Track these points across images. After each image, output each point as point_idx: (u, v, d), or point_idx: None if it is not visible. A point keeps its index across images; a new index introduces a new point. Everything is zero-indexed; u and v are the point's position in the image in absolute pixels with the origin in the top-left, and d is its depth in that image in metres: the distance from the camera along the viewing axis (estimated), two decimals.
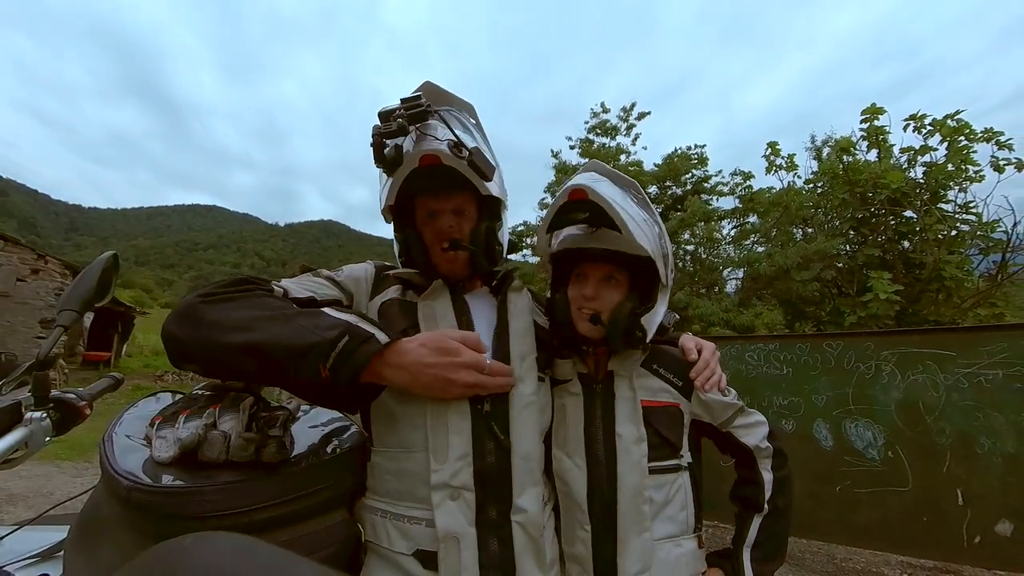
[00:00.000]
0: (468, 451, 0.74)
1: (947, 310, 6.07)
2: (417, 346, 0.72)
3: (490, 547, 0.72)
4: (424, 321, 0.82)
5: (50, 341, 0.71)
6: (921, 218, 6.26)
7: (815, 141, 8.50)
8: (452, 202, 0.87)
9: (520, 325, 0.87)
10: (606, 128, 10.16)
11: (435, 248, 0.86)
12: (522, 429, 0.79)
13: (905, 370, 3.31)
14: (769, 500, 0.88)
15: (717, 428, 0.91)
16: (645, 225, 0.84)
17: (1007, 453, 2.94)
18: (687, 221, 8.41)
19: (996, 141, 6.06)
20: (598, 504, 0.82)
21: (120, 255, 0.89)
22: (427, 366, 0.70)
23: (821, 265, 6.75)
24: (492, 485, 0.75)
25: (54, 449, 5.26)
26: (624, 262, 0.86)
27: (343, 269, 0.92)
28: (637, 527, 0.81)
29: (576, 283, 0.91)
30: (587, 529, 0.82)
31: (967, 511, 2.98)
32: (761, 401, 3.80)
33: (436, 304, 0.85)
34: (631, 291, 0.88)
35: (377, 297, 0.87)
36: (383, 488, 0.78)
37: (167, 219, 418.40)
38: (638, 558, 0.80)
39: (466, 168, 0.80)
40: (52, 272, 11.28)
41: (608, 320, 0.85)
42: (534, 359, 0.85)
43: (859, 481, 3.37)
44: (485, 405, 0.77)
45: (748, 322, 7.00)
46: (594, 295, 0.87)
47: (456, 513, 0.72)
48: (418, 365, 0.70)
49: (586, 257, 0.90)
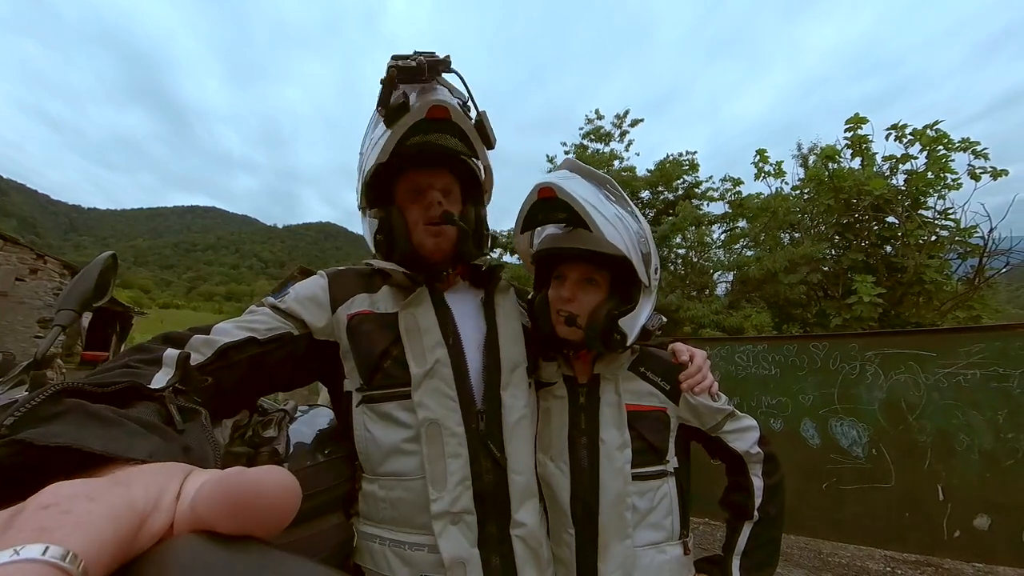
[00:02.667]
0: (467, 474, 0.72)
1: (927, 312, 6.25)
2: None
3: (492, 564, 0.71)
4: (407, 334, 0.76)
5: (48, 341, 0.69)
6: (903, 224, 6.46)
7: (801, 149, 8.74)
8: (441, 180, 0.82)
9: (509, 332, 0.84)
10: (600, 134, 10.30)
11: (419, 227, 0.80)
12: (517, 444, 0.77)
13: (888, 370, 3.42)
14: (760, 508, 0.85)
15: (706, 433, 0.88)
16: (619, 222, 0.80)
17: (984, 450, 3.05)
18: (679, 225, 8.54)
19: (973, 151, 6.29)
20: (580, 509, 0.81)
21: (119, 255, 0.89)
22: None
23: (808, 269, 6.91)
24: (491, 503, 0.73)
25: None
26: (604, 263, 0.82)
27: (289, 292, 0.79)
28: (619, 534, 0.79)
29: (555, 285, 0.87)
30: (571, 533, 0.81)
31: (947, 506, 3.09)
32: (750, 401, 3.89)
33: (419, 313, 0.78)
34: (611, 293, 0.84)
35: (342, 307, 0.78)
36: (379, 515, 0.73)
37: (166, 220, 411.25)
38: (618, 564, 0.78)
39: (471, 129, 0.76)
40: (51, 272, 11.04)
41: (585, 323, 0.82)
42: (524, 368, 0.83)
43: (844, 478, 3.46)
44: (480, 424, 0.75)
45: (737, 324, 7.13)
46: (571, 297, 0.83)
47: (459, 538, 0.70)
48: None
49: (565, 258, 0.86)
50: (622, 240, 0.79)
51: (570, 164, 0.89)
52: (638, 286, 0.84)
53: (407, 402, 0.73)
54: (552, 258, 0.89)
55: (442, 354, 0.76)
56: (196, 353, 0.62)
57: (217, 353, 0.64)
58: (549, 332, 0.86)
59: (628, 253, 0.79)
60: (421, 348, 0.75)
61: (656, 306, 0.90)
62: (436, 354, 0.75)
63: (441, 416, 0.73)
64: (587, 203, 0.76)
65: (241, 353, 0.66)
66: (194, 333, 0.65)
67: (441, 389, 0.74)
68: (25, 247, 11.01)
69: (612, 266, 0.82)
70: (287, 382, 0.76)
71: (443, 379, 0.75)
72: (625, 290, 0.84)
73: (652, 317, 0.88)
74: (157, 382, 0.51)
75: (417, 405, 0.73)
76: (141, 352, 0.57)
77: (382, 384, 0.74)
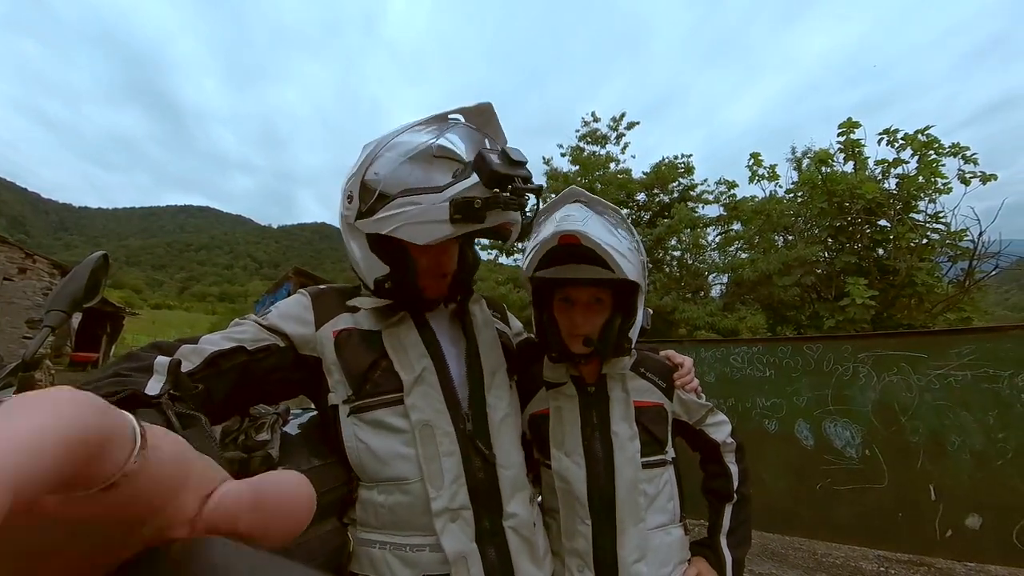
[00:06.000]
0: (461, 471, 0.75)
1: (919, 314, 6.33)
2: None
3: (489, 556, 0.74)
4: (393, 351, 0.78)
5: (37, 342, 0.69)
6: (894, 227, 6.54)
7: (795, 152, 8.83)
8: None
9: (487, 339, 0.88)
10: (596, 137, 10.33)
11: (426, 275, 0.82)
12: (503, 442, 0.81)
13: (881, 371, 3.45)
14: (737, 490, 0.98)
15: (691, 426, 0.99)
16: (632, 255, 0.86)
17: (975, 450, 3.09)
18: (674, 228, 8.59)
19: (963, 156, 6.40)
20: (597, 498, 0.87)
21: (110, 255, 0.88)
22: None
23: (801, 271, 6.98)
24: (484, 498, 0.76)
25: None
26: (609, 282, 0.87)
27: (272, 310, 0.80)
28: (634, 518, 0.86)
29: (562, 308, 0.92)
30: (587, 523, 0.87)
31: (939, 506, 3.12)
32: (745, 402, 3.89)
33: (401, 332, 0.80)
34: (616, 307, 0.90)
35: (326, 326, 0.79)
36: (378, 521, 0.75)
37: (159, 220, 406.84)
38: (636, 546, 0.85)
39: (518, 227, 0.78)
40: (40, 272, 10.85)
41: (599, 340, 0.88)
42: (504, 370, 0.88)
43: (838, 479, 3.48)
44: (468, 424, 0.78)
45: (732, 326, 7.18)
46: (584, 322, 0.89)
47: (459, 534, 0.73)
48: None
49: (569, 281, 0.90)
50: (635, 270, 0.85)
51: (573, 194, 0.92)
52: (637, 294, 0.90)
53: (399, 408, 0.76)
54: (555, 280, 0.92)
55: (428, 363, 0.79)
56: (186, 361, 0.62)
57: (207, 361, 0.65)
58: (563, 349, 0.91)
59: (639, 280, 0.87)
60: (408, 360, 0.78)
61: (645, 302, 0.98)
62: (423, 363, 0.79)
63: (432, 418, 0.76)
64: (610, 247, 0.80)
65: (230, 361, 0.68)
66: (182, 343, 0.66)
67: (430, 394, 0.77)
68: (14, 246, 10.85)
69: (617, 284, 0.87)
70: (276, 393, 0.78)
71: (431, 385, 0.78)
72: (627, 301, 0.91)
73: (644, 315, 0.96)
74: (151, 389, 0.51)
75: (410, 408, 0.75)
76: (131, 360, 0.57)
77: (371, 393, 0.76)
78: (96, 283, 0.78)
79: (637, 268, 0.86)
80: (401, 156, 0.75)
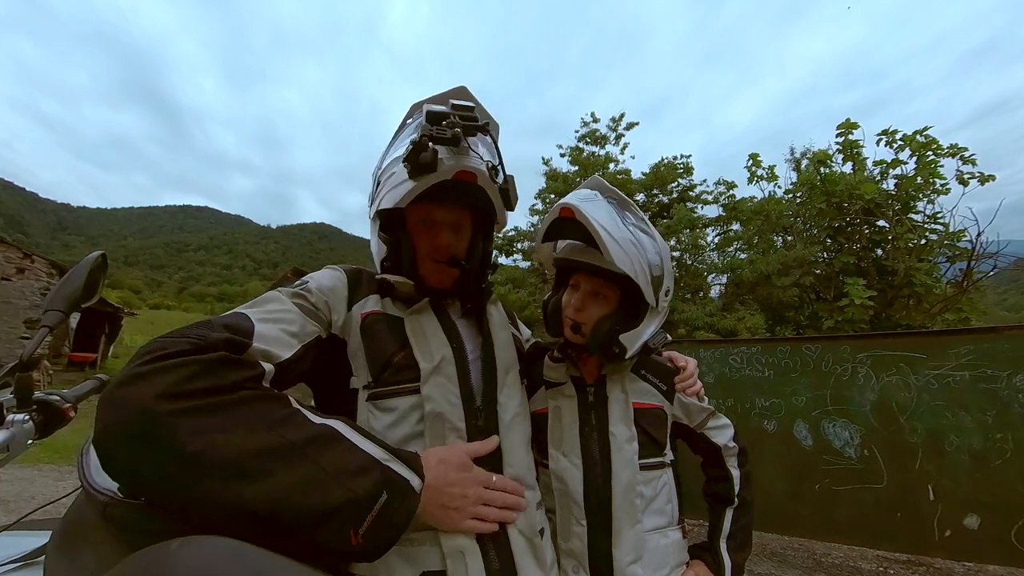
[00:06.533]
0: None
1: (917, 315, 6.34)
2: (436, 463, 0.67)
3: (491, 555, 0.73)
4: (413, 337, 0.78)
5: (34, 342, 0.69)
6: (893, 227, 6.55)
7: (794, 153, 8.84)
8: (454, 215, 0.84)
9: (503, 338, 0.88)
10: (596, 137, 10.34)
11: (426, 260, 0.82)
12: (512, 442, 0.80)
13: (879, 372, 3.46)
14: (738, 494, 0.98)
15: (692, 429, 0.99)
16: (631, 247, 0.84)
17: (973, 450, 3.09)
18: (673, 228, 8.60)
19: (961, 156, 6.41)
20: (594, 499, 0.87)
21: (109, 255, 0.88)
22: (450, 497, 0.66)
23: (800, 271, 6.98)
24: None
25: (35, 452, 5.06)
26: (615, 279, 0.87)
27: (309, 279, 0.79)
28: (630, 520, 0.86)
29: (569, 292, 0.94)
30: (583, 524, 0.86)
31: (938, 506, 3.12)
32: (744, 403, 3.89)
33: (424, 320, 0.81)
34: (618, 308, 0.89)
35: (356, 306, 0.79)
36: None
37: (158, 219, 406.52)
38: (631, 548, 0.85)
39: (495, 193, 0.79)
40: (38, 271, 10.82)
41: (588, 333, 0.88)
42: (517, 371, 0.87)
43: (837, 479, 3.49)
44: (479, 421, 0.77)
45: (731, 326, 7.19)
46: (580, 307, 0.89)
47: None
48: (440, 501, 0.65)
49: (581, 268, 0.92)
50: (630, 264, 0.83)
51: (595, 183, 0.94)
52: (645, 305, 0.89)
53: (414, 397, 0.75)
54: (570, 265, 0.95)
55: (447, 352, 0.79)
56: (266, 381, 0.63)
57: (275, 378, 0.65)
58: (557, 332, 0.93)
59: (635, 277, 0.84)
60: (428, 348, 0.78)
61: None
62: (442, 352, 0.78)
63: (446, 410, 0.75)
64: (601, 227, 0.81)
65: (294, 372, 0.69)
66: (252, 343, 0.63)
67: (446, 385, 0.77)
68: (12, 246, 10.82)
69: (623, 284, 0.87)
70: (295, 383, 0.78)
71: (448, 376, 0.77)
72: (632, 307, 0.89)
73: (656, 335, 0.94)
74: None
75: (425, 399, 0.75)
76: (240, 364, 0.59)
77: (390, 380, 0.76)
78: (94, 283, 0.77)
79: (635, 264, 0.84)
80: (394, 145, 0.81)
